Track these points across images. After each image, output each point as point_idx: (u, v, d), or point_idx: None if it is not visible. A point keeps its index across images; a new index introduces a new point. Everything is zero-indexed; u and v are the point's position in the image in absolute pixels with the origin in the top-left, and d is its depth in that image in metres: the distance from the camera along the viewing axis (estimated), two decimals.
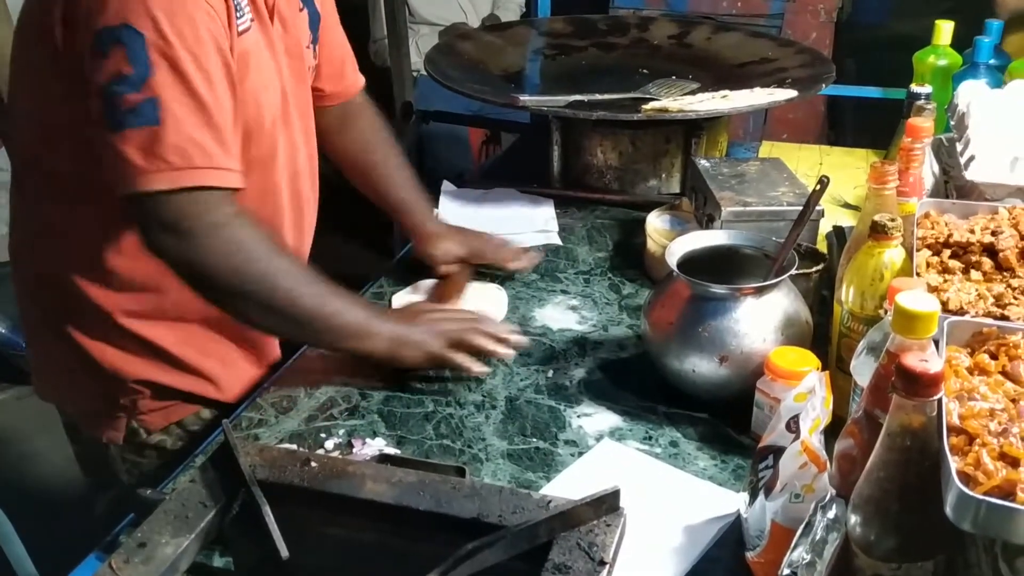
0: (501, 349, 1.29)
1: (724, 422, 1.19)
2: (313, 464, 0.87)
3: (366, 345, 1.23)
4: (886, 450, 0.76)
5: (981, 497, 0.72)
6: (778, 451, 0.93)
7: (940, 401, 0.77)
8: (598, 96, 1.82)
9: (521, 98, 1.78)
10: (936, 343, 0.85)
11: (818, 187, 1.21)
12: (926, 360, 0.74)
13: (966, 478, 0.74)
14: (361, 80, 1.58)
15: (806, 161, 2.07)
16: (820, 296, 1.36)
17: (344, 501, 0.85)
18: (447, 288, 1.50)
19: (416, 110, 2.57)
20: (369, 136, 1.56)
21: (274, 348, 1.44)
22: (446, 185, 1.90)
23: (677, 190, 1.87)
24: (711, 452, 1.14)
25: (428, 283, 1.55)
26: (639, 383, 1.27)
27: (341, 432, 1.19)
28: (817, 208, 1.33)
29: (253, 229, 1.15)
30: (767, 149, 2.17)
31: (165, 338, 1.29)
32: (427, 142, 3.10)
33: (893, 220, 1.08)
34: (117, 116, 1.06)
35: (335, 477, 0.86)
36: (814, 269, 1.33)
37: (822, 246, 1.46)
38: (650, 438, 1.17)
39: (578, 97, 1.80)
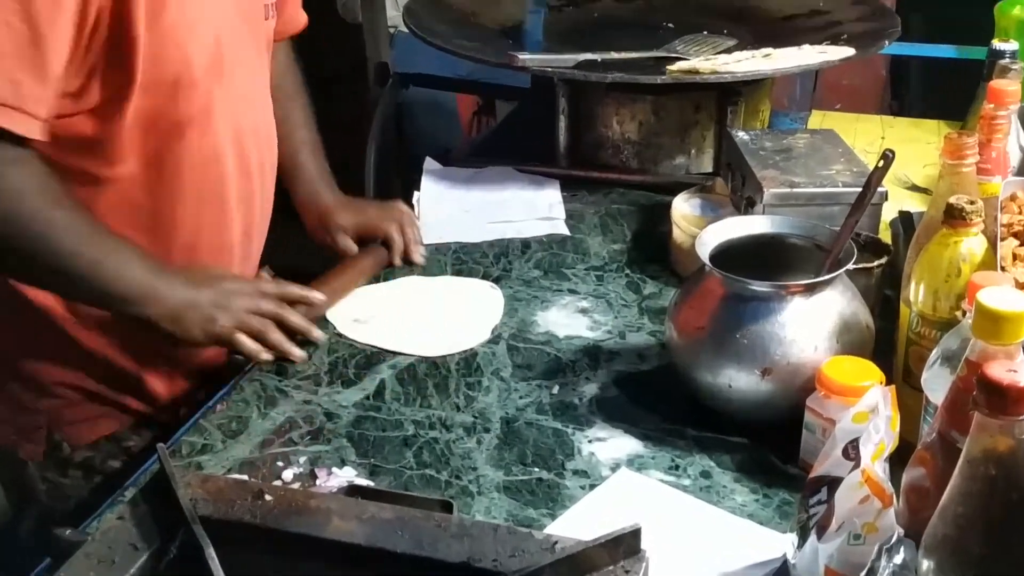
0: (294, 350, 1.32)
1: (767, 448, 1.18)
2: (268, 497, 0.87)
3: (147, 311, 1.24)
4: (966, 480, 0.76)
5: None
6: (833, 483, 0.93)
7: None
8: (613, 55, 1.82)
9: (520, 57, 1.78)
10: None
11: (881, 164, 1.21)
12: (1015, 371, 0.74)
13: None
14: (301, 22, 1.58)
15: (865, 134, 2.07)
16: (883, 296, 1.36)
17: (305, 542, 0.85)
18: (337, 272, 1.50)
19: (393, 73, 2.57)
20: (274, 82, 1.53)
21: (211, 352, 1.43)
22: (429, 163, 1.90)
23: (709, 169, 1.87)
24: (751, 484, 1.14)
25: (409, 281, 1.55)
26: (664, 401, 1.27)
27: (302, 460, 1.18)
28: (879, 190, 1.33)
29: (30, 175, 1.15)
30: (818, 120, 2.17)
31: (90, 338, 1.30)
32: (407, 111, 3.09)
33: (972, 203, 1.07)
34: None
35: (294, 513, 0.86)
36: (876, 263, 1.33)
37: (885, 235, 1.46)
38: (677, 467, 1.17)
39: (589, 56, 1.80)
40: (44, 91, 1.12)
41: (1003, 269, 1.08)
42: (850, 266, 1.19)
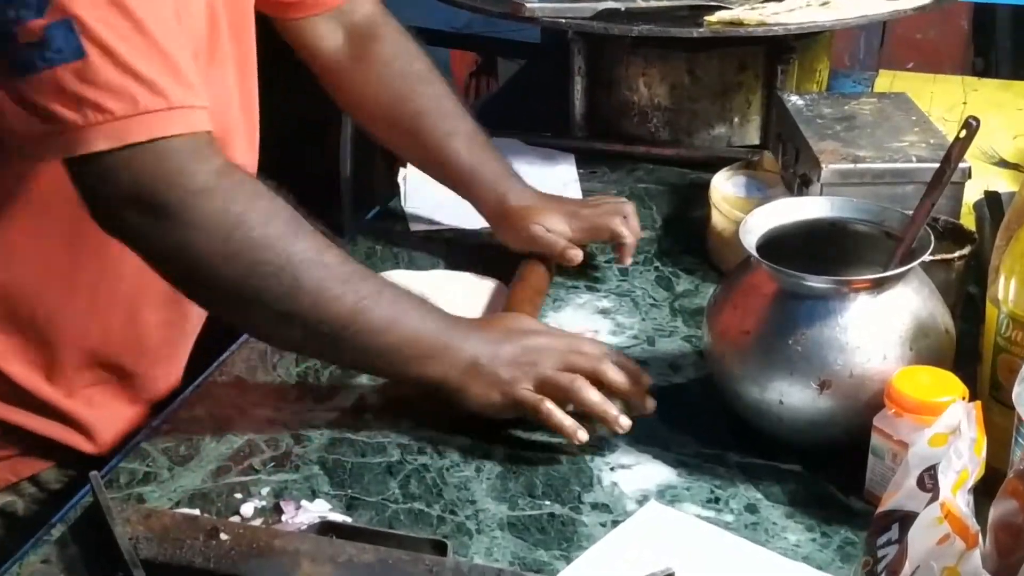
0: (621, 419, 1.21)
1: (825, 477, 1.18)
2: (223, 536, 0.87)
3: (433, 371, 1.22)
4: None
5: None
6: (906, 519, 0.93)
7: None
8: (640, 3, 1.82)
9: (527, 6, 1.78)
10: None
11: (962, 134, 1.20)
12: None
13: None
14: None
15: (944, 98, 2.07)
16: (966, 293, 1.36)
17: None
18: (520, 291, 1.46)
19: None
20: (398, 68, 1.54)
21: (167, 380, 1.44)
22: None
23: (755, 141, 1.88)
24: (806, 520, 1.14)
25: (413, 277, 1.54)
26: (701, 421, 1.27)
27: (265, 491, 1.18)
28: (961, 166, 1.33)
29: (257, 193, 1.16)
30: (886, 82, 2.16)
31: (8, 362, 1.29)
32: None
33: None
34: (19, 56, 1.06)
35: (256, 555, 0.86)
36: (957, 254, 1.33)
37: (968, 220, 1.46)
38: (717, 500, 1.17)
39: (611, 4, 1.80)
40: (178, 75, 1.12)
41: None
42: (926, 257, 1.19)
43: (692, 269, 1.57)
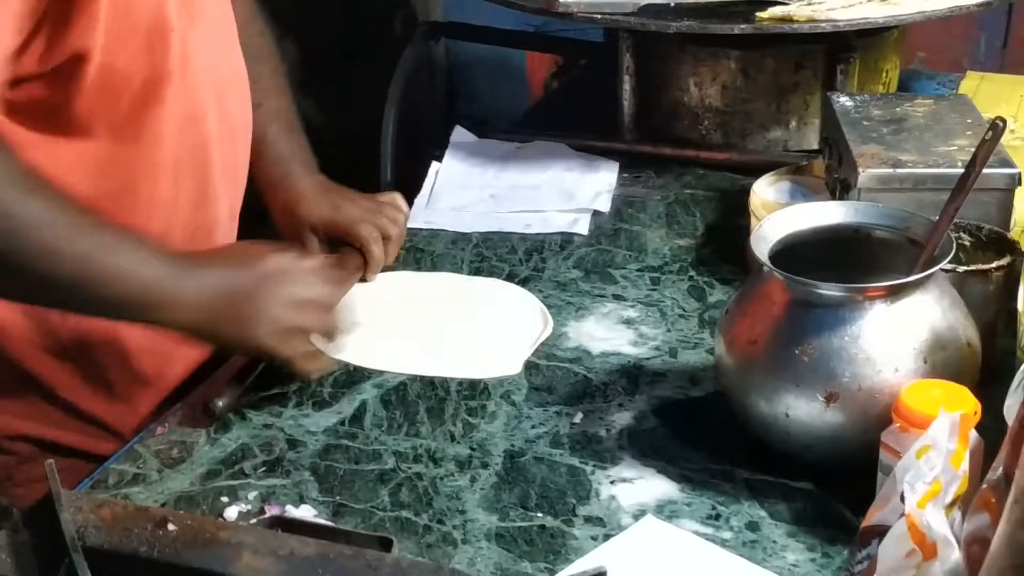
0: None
1: (835, 495, 1.20)
2: (171, 527, 0.92)
3: (170, 316, 1.27)
4: (1014, 526, 0.78)
5: None
6: (886, 533, 0.95)
7: None
8: None
9: (561, 0, 1.80)
10: None
11: (988, 135, 1.22)
12: None
13: None
14: None
15: None
16: (1007, 307, 1.35)
17: None
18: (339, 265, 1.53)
19: (421, 22, 2.60)
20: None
21: (180, 362, 1.49)
22: (458, 133, 1.96)
23: (815, 146, 1.88)
24: (808, 540, 1.15)
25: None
26: (713, 435, 1.29)
27: (252, 496, 1.24)
28: (1010, 171, 1.35)
29: None
30: (973, 84, 2.12)
31: (51, 368, 1.37)
32: (461, 74, 3.13)
33: None
34: None
35: (199, 546, 0.91)
36: (995, 264, 1.32)
37: (1018, 232, 1.45)
38: (718, 517, 1.19)
39: None
40: None
41: None
42: (945, 264, 1.20)
43: (729, 279, 1.59)
